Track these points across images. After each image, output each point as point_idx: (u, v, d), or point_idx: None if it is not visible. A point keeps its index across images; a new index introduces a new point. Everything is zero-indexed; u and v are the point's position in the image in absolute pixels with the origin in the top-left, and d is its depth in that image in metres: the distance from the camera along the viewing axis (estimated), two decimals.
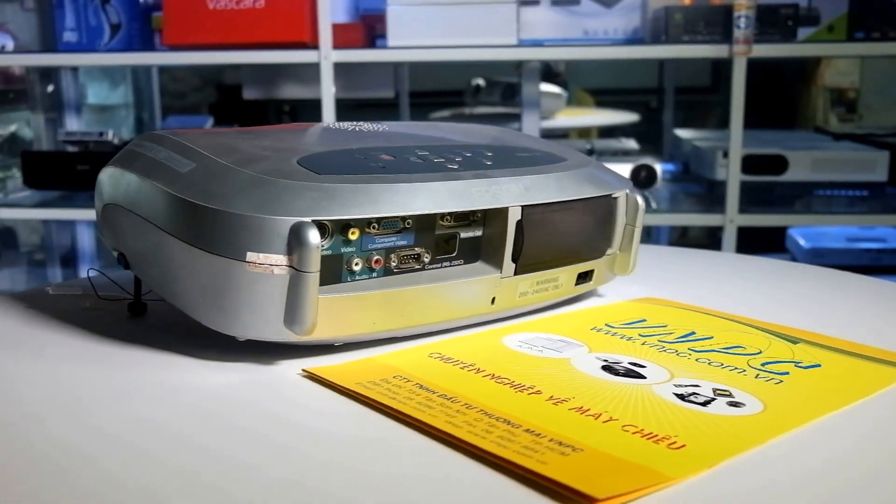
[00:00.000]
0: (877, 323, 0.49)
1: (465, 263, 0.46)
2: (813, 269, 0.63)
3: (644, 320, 0.48)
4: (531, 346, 0.44)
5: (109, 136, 1.56)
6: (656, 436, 0.33)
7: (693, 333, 0.45)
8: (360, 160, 0.44)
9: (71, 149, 1.58)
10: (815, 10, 1.47)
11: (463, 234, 0.46)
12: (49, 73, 1.84)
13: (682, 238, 2.12)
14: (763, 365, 0.40)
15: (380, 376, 0.39)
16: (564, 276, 0.50)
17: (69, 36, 1.53)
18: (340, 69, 1.46)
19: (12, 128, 1.87)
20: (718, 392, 0.37)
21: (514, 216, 0.45)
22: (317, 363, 0.41)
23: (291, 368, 0.41)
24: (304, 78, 1.75)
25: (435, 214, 0.43)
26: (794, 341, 0.43)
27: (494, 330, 0.47)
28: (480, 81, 1.88)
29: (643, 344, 0.44)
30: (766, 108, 2.10)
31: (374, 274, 0.43)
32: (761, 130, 1.74)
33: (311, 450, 0.33)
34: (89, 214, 1.61)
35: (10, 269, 1.91)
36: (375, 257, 0.42)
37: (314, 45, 1.43)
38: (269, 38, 1.44)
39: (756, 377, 0.39)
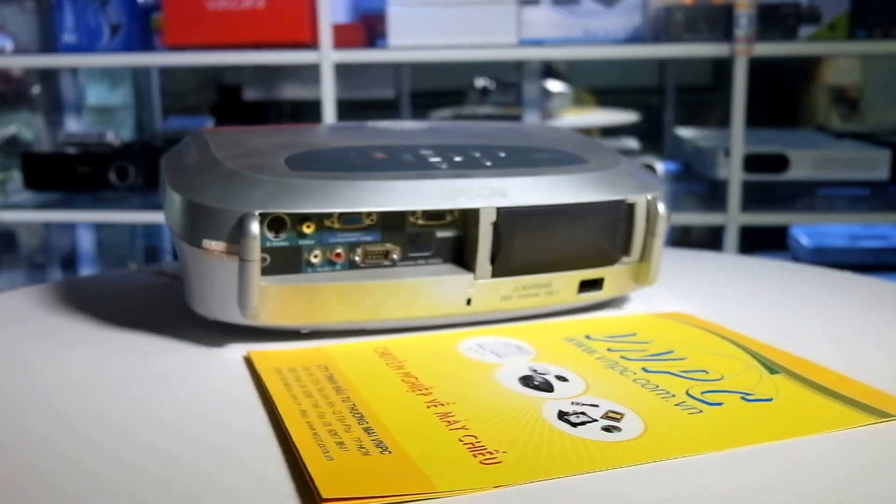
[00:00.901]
0: None
1: (442, 263, 0.47)
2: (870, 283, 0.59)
3: (634, 334, 0.45)
4: (481, 350, 0.43)
5: (110, 137, 1.55)
6: (484, 448, 0.32)
7: (670, 352, 0.42)
8: (345, 158, 0.46)
9: (71, 150, 1.58)
10: (816, 8, 1.47)
11: (439, 234, 0.46)
12: (49, 75, 1.84)
13: (685, 238, 2.12)
14: (704, 393, 0.37)
15: (304, 364, 0.41)
16: (561, 283, 0.48)
17: (69, 37, 1.53)
18: (341, 69, 1.46)
19: (12, 129, 1.87)
20: (609, 414, 0.35)
21: (488, 218, 0.45)
22: (270, 347, 0.44)
23: (241, 351, 0.44)
24: (304, 78, 1.75)
25: (404, 212, 0.44)
26: (774, 370, 0.39)
27: (459, 332, 0.46)
28: (485, 82, 1.87)
29: (598, 358, 0.41)
30: (767, 107, 2.09)
31: (338, 267, 0.44)
32: (763, 129, 1.73)
33: (174, 422, 0.35)
34: (90, 216, 1.61)
35: (10, 272, 1.91)
36: (336, 251, 0.44)
37: (314, 46, 1.43)
38: (270, 39, 1.44)
39: (679, 404, 0.36)
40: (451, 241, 0.47)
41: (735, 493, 0.29)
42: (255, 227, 0.41)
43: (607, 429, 0.34)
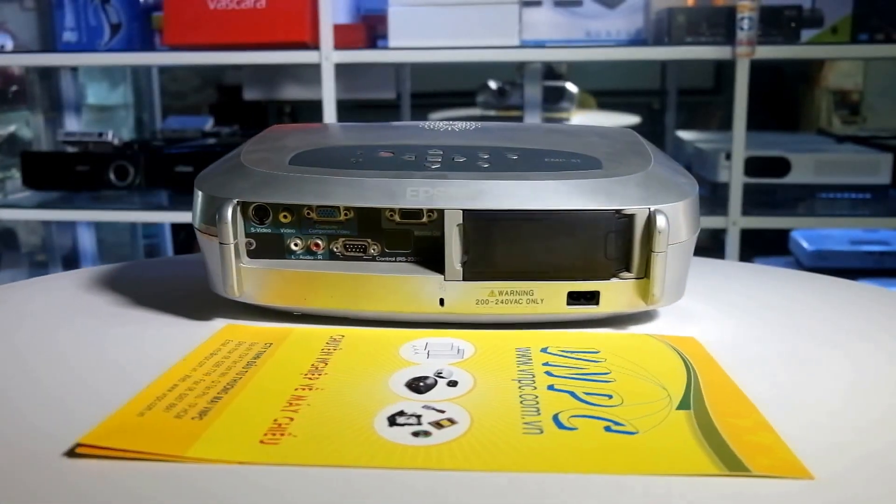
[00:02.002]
0: None
1: (420, 262, 0.47)
2: None
3: (597, 352, 0.43)
4: (416, 350, 0.44)
5: (109, 136, 1.55)
6: (283, 430, 0.34)
7: (607, 374, 0.40)
8: (344, 156, 0.49)
9: (70, 149, 1.57)
10: (818, 11, 1.47)
11: (418, 233, 0.47)
12: (49, 73, 1.84)
13: None
14: (571, 417, 0.35)
15: (253, 340, 0.45)
16: (544, 292, 0.46)
17: (69, 36, 1.53)
18: (341, 70, 1.46)
19: (11, 128, 1.86)
20: (438, 422, 0.34)
21: (454, 220, 0.45)
22: (258, 324, 0.48)
23: (220, 325, 0.48)
24: (304, 79, 1.75)
25: (379, 209, 0.46)
26: (686, 406, 0.36)
27: (417, 331, 0.47)
28: (493, 83, 1.87)
29: (522, 370, 0.41)
30: (768, 110, 2.09)
31: (319, 256, 0.48)
32: (764, 132, 1.73)
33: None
34: (90, 215, 1.61)
35: (12, 271, 1.90)
36: (315, 241, 0.47)
37: (315, 46, 1.43)
38: (270, 39, 1.43)
39: (529, 423, 0.34)
40: (431, 240, 0.47)
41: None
42: (228, 213, 0.46)
43: (418, 433, 0.33)
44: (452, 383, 0.39)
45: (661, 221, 0.45)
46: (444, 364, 0.41)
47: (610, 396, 0.37)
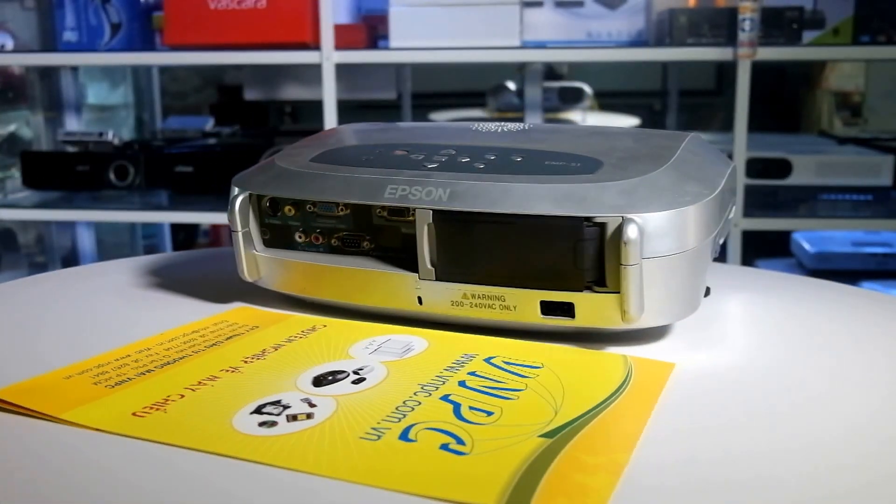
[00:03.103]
0: None
1: (406, 258, 0.47)
2: None
3: (539, 367, 0.41)
4: (370, 345, 0.44)
5: (109, 136, 1.55)
6: (160, 406, 0.36)
7: (521, 390, 0.39)
8: (357, 154, 0.50)
9: (71, 149, 1.57)
10: (820, 13, 1.46)
11: (405, 230, 0.48)
12: (49, 73, 1.84)
13: None
14: (427, 430, 0.34)
15: (243, 322, 0.48)
16: (516, 299, 0.44)
17: (69, 35, 1.53)
18: (342, 70, 1.45)
19: (11, 128, 1.86)
20: (295, 415, 0.35)
21: (424, 219, 0.45)
22: (266, 309, 0.51)
23: (242, 305, 0.52)
24: (305, 79, 1.75)
25: (370, 206, 0.48)
26: (550, 435, 0.34)
27: (391, 326, 0.47)
28: (511, 84, 1.87)
29: (440, 375, 0.40)
30: (770, 112, 2.09)
31: (320, 248, 0.50)
32: (765, 134, 1.73)
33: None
34: (89, 215, 1.61)
35: (11, 272, 1.90)
36: (315, 234, 0.50)
37: (316, 46, 1.43)
38: (271, 39, 1.43)
39: (376, 428, 0.34)
40: (415, 238, 0.47)
41: None
42: (237, 204, 0.49)
43: (263, 423, 0.35)
44: (359, 381, 0.39)
45: (631, 231, 0.41)
46: (377, 361, 0.42)
47: (490, 413, 0.35)
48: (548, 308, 0.44)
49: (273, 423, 0.34)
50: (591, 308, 0.43)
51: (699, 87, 2.33)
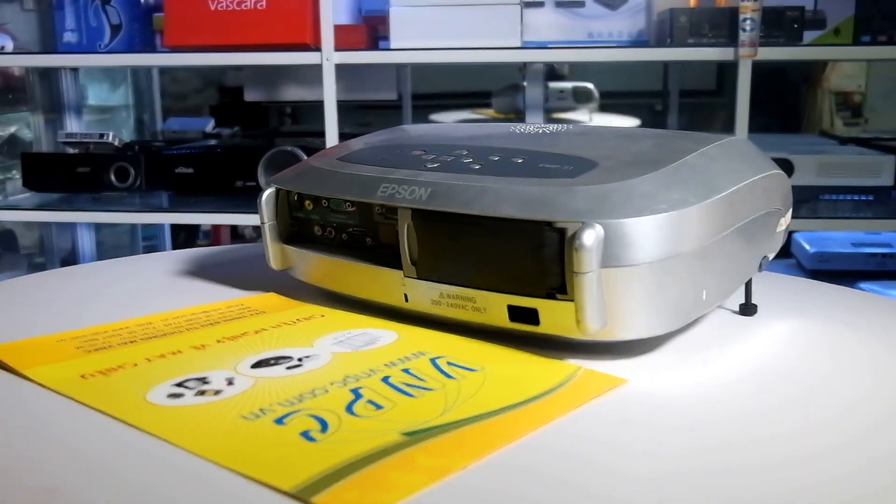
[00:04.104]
0: None
1: (397, 256, 0.48)
2: None
3: (476, 370, 0.41)
4: (343, 337, 0.46)
5: (109, 137, 1.55)
6: (106, 372, 0.40)
7: (431, 389, 0.39)
8: (377, 154, 0.52)
9: (71, 150, 1.57)
10: (821, 13, 1.46)
11: (397, 228, 0.48)
12: (49, 74, 1.83)
13: None
14: (307, 416, 0.35)
15: (253, 308, 0.51)
16: (486, 302, 0.43)
17: (69, 37, 1.53)
18: (342, 71, 1.45)
19: (12, 129, 1.86)
20: (203, 391, 0.38)
21: (405, 218, 0.45)
22: (291, 297, 0.54)
23: (272, 291, 0.55)
24: (305, 80, 1.75)
25: (371, 204, 0.48)
26: (413, 434, 0.34)
27: (372, 319, 0.49)
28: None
29: (373, 369, 0.41)
30: (771, 112, 2.08)
31: (334, 242, 0.51)
32: (766, 134, 1.72)
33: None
34: (90, 216, 1.60)
35: (11, 273, 1.90)
36: (329, 228, 0.51)
37: (316, 47, 1.42)
38: (271, 40, 1.43)
39: (262, 410, 0.36)
40: None
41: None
42: (263, 197, 0.52)
43: (171, 395, 0.38)
44: (294, 367, 0.41)
45: (586, 238, 0.39)
46: (329, 351, 0.43)
47: (380, 408, 0.36)
48: (515, 313, 0.43)
49: (180, 396, 0.37)
50: (554, 316, 0.42)
51: (700, 87, 2.33)
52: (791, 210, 0.54)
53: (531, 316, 0.43)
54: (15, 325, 0.48)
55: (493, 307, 0.44)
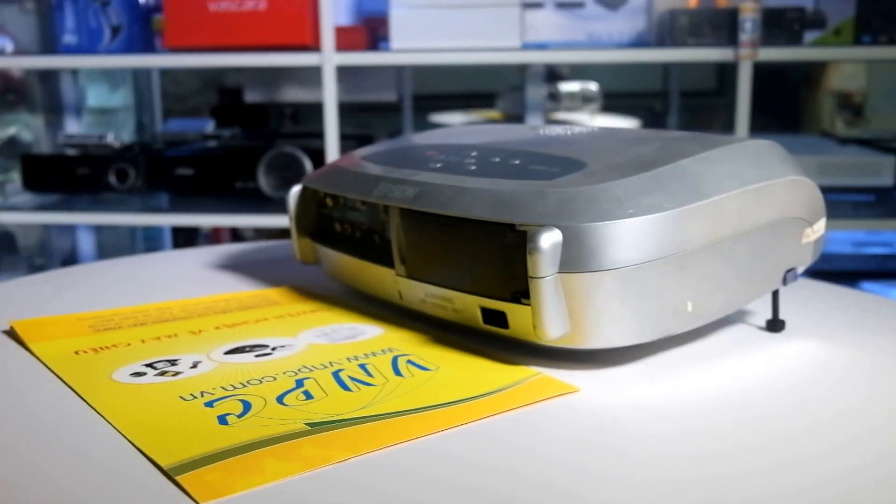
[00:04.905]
0: None
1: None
2: None
3: (431, 369, 0.41)
4: (323, 329, 0.47)
5: (110, 139, 1.55)
6: (97, 349, 0.44)
7: (371, 385, 0.39)
8: (394, 154, 0.53)
9: (71, 152, 1.57)
10: (821, 13, 1.46)
11: None
12: (49, 76, 1.83)
13: None
14: (238, 400, 0.38)
15: (277, 299, 0.53)
16: (462, 303, 0.43)
17: (69, 38, 1.53)
18: (343, 72, 1.45)
19: (12, 131, 1.86)
20: (164, 371, 0.41)
21: (395, 218, 0.46)
22: (312, 289, 0.56)
23: (295, 283, 0.58)
24: (306, 81, 1.74)
25: (376, 203, 0.49)
26: (316, 425, 0.35)
27: (362, 316, 0.50)
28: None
29: (334, 362, 0.42)
30: (771, 113, 2.08)
31: (351, 238, 0.52)
32: (767, 135, 1.72)
33: None
34: (89, 218, 1.60)
35: (11, 274, 1.90)
36: (346, 225, 0.52)
37: (316, 48, 1.42)
38: (271, 41, 1.43)
39: (203, 392, 0.38)
40: None
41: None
42: (291, 194, 0.54)
43: (135, 373, 0.40)
44: (263, 355, 0.43)
45: (541, 241, 0.37)
46: (305, 342, 0.45)
47: (310, 398, 0.38)
48: (488, 316, 0.42)
49: (142, 375, 0.40)
50: (520, 319, 0.41)
51: (700, 87, 2.33)
52: (824, 220, 0.49)
53: (501, 319, 0.42)
54: (53, 307, 0.52)
55: (469, 309, 0.43)
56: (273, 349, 0.44)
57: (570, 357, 0.43)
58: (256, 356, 0.43)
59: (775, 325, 0.47)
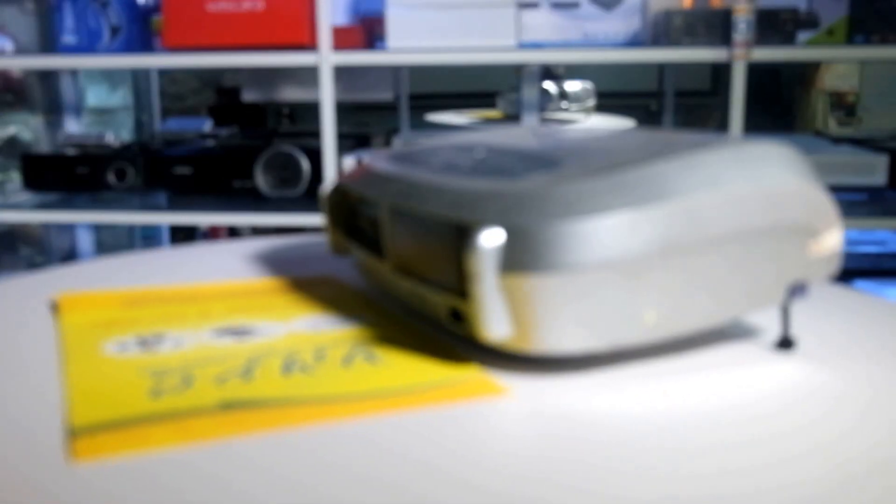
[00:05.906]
0: None
1: None
2: None
3: (378, 360, 0.42)
4: (313, 317, 0.48)
5: (109, 138, 1.56)
6: (109, 321, 0.47)
7: (309, 370, 0.41)
8: (415, 154, 0.53)
9: (70, 151, 1.58)
10: (814, 13, 1.47)
11: None
12: (48, 76, 1.84)
13: None
14: (207, 381, 0.39)
15: (298, 284, 0.55)
16: (433, 301, 0.42)
17: (68, 38, 1.54)
18: (340, 71, 1.46)
19: (11, 130, 1.87)
20: (150, 346, 0.43)
21: (385, 213, 0.46)
22: (344, 280, 0.58)
23: (328, 272, 0.60)
24: (303, 80, 1.76)
25: (371, 200, 0.50)
26: (229, 404, 0.36)
27: (368, 306, 0.51)
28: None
29: (302, 349, 0.43)
30: (765, 112, 2.09)
31: (369, 234, 0.52)
32: (761, 134, 1.74)
33: None
34: (89, 217, 1.61)
35: (10, 273, 1.91)
36: (365, 222, 0.52)
37: (313, 48, 1.43)
38: (269, 41, 1.44)
39: (176, 373, 0.40)
40: None
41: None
42: (322, 190, 0.54)
43: (121, 345, 0.42)
44: (244, 336, 0.44)
45: (480, 239, 0.36)
46: (287, 329, 0.45)
47: (248, 381, 0.39)
48: (451, 313, 0.41)
49: (126, 347, 0.42)
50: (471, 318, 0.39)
51: (695, 87, 2.34)
52: (837, 231, 0.44)
53: (459, 318, 0.41)
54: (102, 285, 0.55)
55: (438, 307, 0.42)
56: (256, 334, 0.45)
57: (548, 362, 0.41)
58: (235, 338, 0.44)
59: (784, 343, 0.43)
